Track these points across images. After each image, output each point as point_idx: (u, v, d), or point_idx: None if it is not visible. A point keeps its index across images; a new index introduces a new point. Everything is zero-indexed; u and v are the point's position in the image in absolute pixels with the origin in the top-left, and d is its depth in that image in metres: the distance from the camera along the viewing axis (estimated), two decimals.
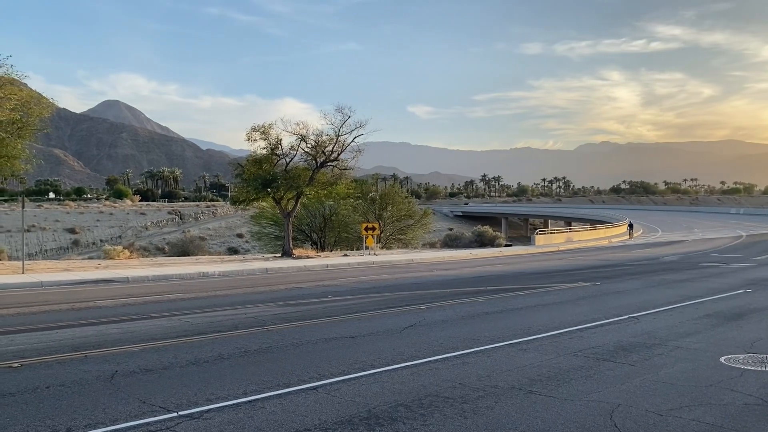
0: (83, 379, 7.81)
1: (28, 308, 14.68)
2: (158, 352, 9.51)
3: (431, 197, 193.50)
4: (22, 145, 22.81)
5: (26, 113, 22.55)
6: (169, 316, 13.23)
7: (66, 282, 20.35)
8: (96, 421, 6.19)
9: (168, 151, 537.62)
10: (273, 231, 50.70)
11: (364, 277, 22.78)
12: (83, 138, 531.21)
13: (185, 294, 17.71)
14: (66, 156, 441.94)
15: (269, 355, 9.40)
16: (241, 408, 6.67)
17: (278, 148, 33.99)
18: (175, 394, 7.18)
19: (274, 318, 12.90)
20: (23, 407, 6.65)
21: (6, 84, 21.81)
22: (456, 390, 7.42)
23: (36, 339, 10.64)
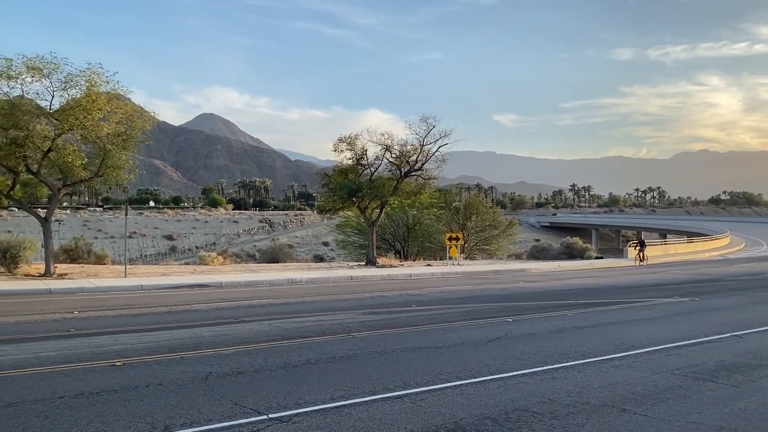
0: (180, 380, 8.17)
1: (130, 310, 15.55)
2: (249, 355, 9.82)
3: (517, 207, 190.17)
4: (126, 156, 24.27)
5: (130, 126, 23.99)
6: (260, 321, 13.64)
7: (164, 286, 21.43)
8: (191, 420, 6.46)
9: (259, 161, 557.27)
10: (357, 240, 51.37)
11: (447, 288, 22.64)
12: (181, 149, 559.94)
13: (275, 299, 18.22)
14: (165, 166, 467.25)
15: (355, 362, 9.49)
16: (328, 413, 6.77)
17: (363, 158, 34.47)
18: (266, 396, 7.38)
19: (359, 325, 13.03)
20: (125, 404, 7.04)
21: (113, 99, 23.33)
22: (545, 405, 7.22)
23: (137, 339, 11.25)
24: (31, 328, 12.58)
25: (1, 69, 21.34)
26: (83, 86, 22.36)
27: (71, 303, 16.65)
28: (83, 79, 22.28)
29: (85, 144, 24.10)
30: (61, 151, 22.60)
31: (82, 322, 13.27)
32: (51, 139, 22.45)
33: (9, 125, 21.39)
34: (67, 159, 22.37)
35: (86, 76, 22.28)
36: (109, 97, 23.04)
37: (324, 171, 38.16)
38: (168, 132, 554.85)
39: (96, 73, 22.44)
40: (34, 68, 21.49)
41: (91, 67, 22.47)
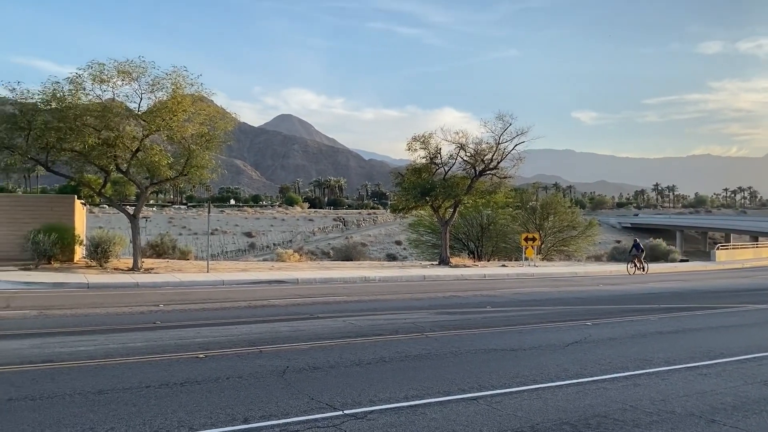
0: (258, 373, 8.39)
1: (212, 304, 16.12)
2: (325, 351, 9.97)
3: (597, 207, 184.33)
4: (209, 156, 25.20)
5: (213, 127, 24.89)
6: (335, 318, 13.83)
7: (244, 281, 22.09)
8: (269, 413, 6.61)
9: (334, 161, 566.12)
10: (430, 239, 51.22)
11: (523, 289, 22.22)
12: (260, 149, 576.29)
13: (349, 297, 18.43)
14: (245, 166, 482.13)
15: (429, 361, 9.45)
16: (402, 412, 6.77)
17: (437, 157, 34.33)
18: (341, 393, 7.46)
19: (432, 325, 12.98)
20: (207, 395, 7.28)
21: (197, 101, 24.28)
22: (626, 413, 6.94)
23: (218, 333, 11.64)
24: (120, 319, 13.24)
25: (94, 73, 22.59)
26: (169, 89, 23.37)
27: (157, 296, 17.43)
28: (169, 82, 23.29)
29: (170, 144, 25.18)
30: (149, 151, 23.71)
31: (167, 315, 13.86)
32: (139, 139, 23.58)
33: (101, 126, 22.62)
34: (154, 158, 23.44)
35: (172, 79, 23.28)
36: (193, 99, 23.97)
37: (397, 170, 38.26)
38: (248, 133, 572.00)
39: (181, 75, 23.43)
40: (124, 72, 22.64)
41: (177, 70, 23.48)
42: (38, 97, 22.40)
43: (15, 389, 7.30)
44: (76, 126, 22.03)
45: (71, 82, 22.35)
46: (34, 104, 22.44)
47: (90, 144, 22.40)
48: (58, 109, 22.06)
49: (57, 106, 22.15)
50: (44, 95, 22.33)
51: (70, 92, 22.31)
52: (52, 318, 13.18)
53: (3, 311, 13.77)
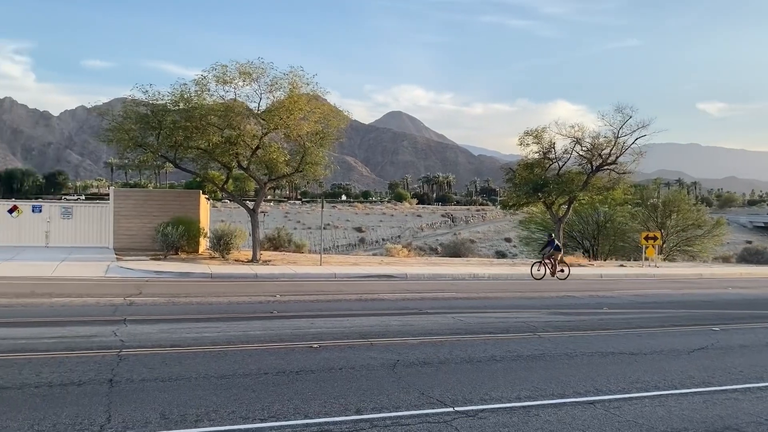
0: (370, 365, 8.52)
1: (324, 296, 16.58)
2: (435, 346, 9.96)
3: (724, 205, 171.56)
4: (323, 153, 25.94)
5: (327, 125, 25.58)
6: (444, 314, 13.79)
7: (354, 275, 22.55)
8: (381, 405, 6.69)
9: (443, 157, 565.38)
10: (542, 236, 49.81)
11: (643, 291, 21.08)
12: (370, 146, 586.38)
13: (457, 293, 18.31)
14: (356, 162, 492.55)
15: (541, 362, 9.19)
16: (515, 412, 6.63)
17: (551, 152, 33.31)
18: (451, 389, 7.42)
19: (545, 325, 12.61)
20: (321, 384, 7.49)
21: (312, 99, 25.04)
22: (762, 427, 6.40)
23: (331, 324, 11.96)
24: (241, 308, 13.93)
25: (218, 75, 23.88)
26: (286, 88, 24.27)
27: (274, 287, 18.17)
28: (286, 82, 24.18)
29: (287, 142, 26.15)
30: (267, 148, 24.76)
31: (283, 306, 14.41)
32: (259, 137, 24.67)
33: (224, 125, 23.88)
34: (272, 156, 24.45)
35: (289, 79, 24.15)
36: (308, 98, 24.75)
37: (508, 166, 37.55)
38: (359, 130, 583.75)
39: (298, 75, 24.24)
40: (245, 73, 23.76)
41: (294, 71, 24.32)
42: (168, 99, 24.03)
43: (148, 370, 7.87)
44: (202, 125, 23.41)
45: (197, 84, 23.80)
46: (164, 105, 24.09)
47: (214, 142, 23.74)
48: (186, 109, 23.55)
49: (184, 106, 23.66)
50: (173, 96, 23.92)
51: (196, 93, 23.77)
52: (179, 305, 14.09)
53: (136, 297, 14.89)
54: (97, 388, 6.97)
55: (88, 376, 7.44)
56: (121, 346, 9.21)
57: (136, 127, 23.89)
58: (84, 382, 7.19)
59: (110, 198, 27.76)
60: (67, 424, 5.80)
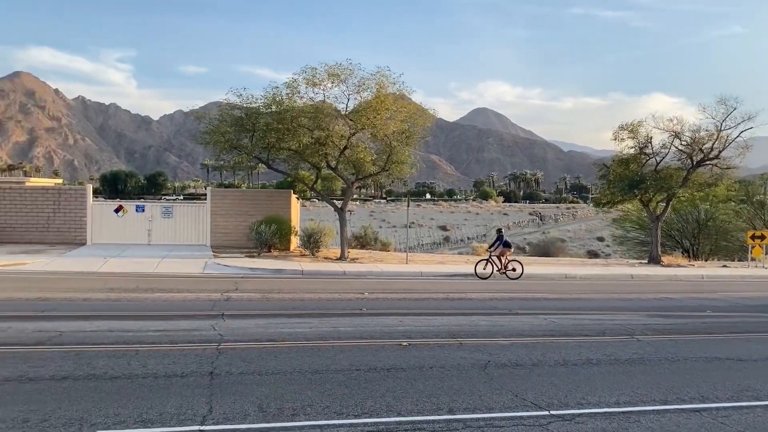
0: (460, 365, 8.45)
1: (411, 294, 16.61)
2: (527, 348, 9.75)
3: None
4: (408, 152, 26.02)
5: (413, 124, 25.63)
6: (535, 315, 13.48)
7: (440, 274, 22.47)
8: (473, 406, 6.61)
9: (530, 153, 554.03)
10: (637, 235, 47.70)
11: (750, 293, 19.78)
12: (454, 144, 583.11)
13: (548, 294, 17.86)
14: (440, 161, 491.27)
15: (641, 366, 8.79)
16: (614, 418, 6.37)
17: (648, 147, 31.81)
18: (546, 392, 7.23)
19: (643, 328, 12.07)
20: (412, 382, 7.50)
21: (398, 99, 25.16)
22: None
23: (419, 322, 11.96)
24: (331, 305, 14.19)
25: (308, 77, 24.45)
26: (373, 89, 24.50)
27: (361, 285, 18.39)
28: (373, 82, 24.42)
29: (373, 141, 26.42)
30: (355, 148, 25.12)
31: (371, 303, 14.55)
32: (347, 137, 25.06)
33: (314, 127, 24.43)
34: (360, 155, 24.78)
35: (376, 79, 24.37)
36: (395, 97, 24.89)
37: (602, 162, 36.14)
38: (443, 128, 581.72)
39: (384, 75, 24.42)
40: (334, 75, 24.19)
41: (380, 71, 24.51)
42: (261, 102, 24.85)
43: (245, 364, 8.16)
44: (293, 127, 24.05)
45: (288, 87, 24.47)
46: (257, 108, 24.93)
47: (304, 143, 24.33)
48: (277, 111, 24.27)
49: (276, 108, 24.39)
50: (266, 99, 24.72)
51: (287, 96, 24.46)
52: (272, 301, 14.53)
53: (233, 293, 15.49)
54: (199, 380, 7.29)
55: (190, 369, 7.80)
56: (219, 340, 9.60)
57: (231, 130, 24.85)
58: (186, 374, 7.54)
59: (207, 198, 29.01)
60: (172, 414, 6.10)
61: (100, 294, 14.59)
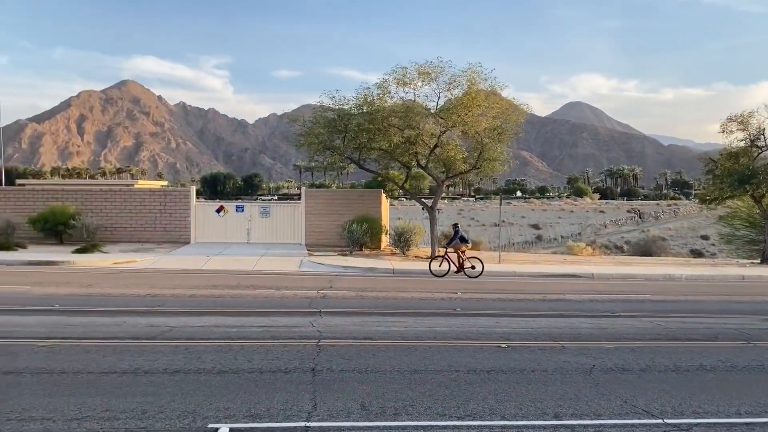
0: (563, 368, 8.18)
1: (506, 295, 16.30)
2: (633, 352, 9.31)
3: None
4: (501, 149, 25.57)
5: (505, 120, 25.15)
6: (638, 317, 12.87)
7: (535, 274, 21.92)
8: (580, 412, 6.37)
9: (627, 148, 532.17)
10: (748, 233, 44.55)
11: None
12: (546, 140, 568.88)
13: (652, 295, 17.02)
14: (531, 157, 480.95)
15: (762, 374, 8.19)
16: (736, 429, 5.96)
17: (760, 139, 29.68)
18: (657, 399, 6.87)
19: (761, 333, 11.25)
20: (514, 386, 7.33)
21: (490, 95, 24.77)
22: None
23: (516, 324, 11.70)
24: (424, 304, 14.16)
25: (398, 77, 24.53)
26: (464, 85, 24.25)
27: (454, 284, 18.24)
28: (464, 79, 24.17)
29: (464, 139, 26.15)
30: (445, 146, 24.96)
31: (465, 303, 14.40)
32: (437, 136, 24.95)
33: (404, 126, 24.48)
34: (450, 153, 24.60)
35: (467, 76, 24.11)
36: (486, 94, 24.51)
37: (707, 156, 34.08)
38: (534, 123, 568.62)
39: (476, 72, 24.11)
40: (424, 73, 24.15)
41: (471, 67, 24.23)
42: (352, 103, 25.20)
43: (345, 361, 8.27)
44: (383, 126, 24.22)
45: (379, 87, 24.67)
46: (348, 109, 25.30)
47: (395, 142, 24.44)
48: (369, 112, 24.52)
49: (368, 109, 24.66)
50: (357, 100, 25.04)
51: (378, 96, 24.66)
52: (366, 299, 14.69)
53: (328, 291, 15.78)
54: (302, 377, 7.45)
55: (293, 365, 7.99)
56: (318, 337, 9.79)
57: (324, 131, 25.35)
58: (290, 370, 7.73)
59: (301, 198, 29.76)
60: (278, 409, 6.26)
61: (205, 291, 15.28)
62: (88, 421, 5.80)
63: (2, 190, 30.25)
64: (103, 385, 6.94)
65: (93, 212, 27.87)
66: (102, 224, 27.32)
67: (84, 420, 5.82)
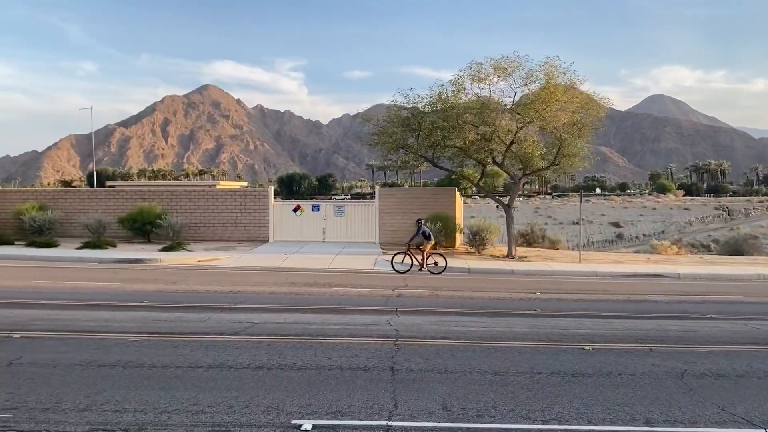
0: (652, 373, 7.81)
1: (587, 296, 15.79)
2: (727, 357, 8.79)
3: None
4: (580, 144, 24.83)
5: (585, 114, 24.40)
6: (731, 320, 12.17)
7: (618, 273, 21.15)
8: (673, 418, 6.06)
9: (714, 142, 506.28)
10: None
11: None
12: (627, 134, 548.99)
13: (745, 297, 16.08)
14: (611, 153, 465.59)
15: None
16: None
17: None
18: (759, 407, 6.45)
19: None
20: (600, 389, 7.05)
21: (569, 89, 24.09)
22: None
23: (600, 326, 11.29)
24: (501, 304, 13.91)
25: (473, 73, 24.27)
26: (542, 80, 23.71)
27: (532, 284, 17.86)
28: (542, 73, 23.62)
29: (541, 135, 25.56)
30: (522, 143, 24.48)
31: (545, 303, 14.05)
32: (513, 132, 24.49)
33: (479, 123, 24.18)
34: (527, 150, 24.11)
35: (545, 70, 23.55)
36: (565, 88, 23.87)
37: None
38: (614, 118, 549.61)
39: (554, 65, 23.53)
40: (500, 68, 23.77)
41: (549, 61, 23.65)
42: (426, 101, 25.12)
43: (423, 361, 8.21)
44: (458, 124, 24.02)
45: (453, 84, 24.50)
46: (422, 107, 25.24)
47: (469, 140, 24.20)
48: (443, 109, 24.38)
49: (442, 106, 24.51)
50: (431, 98, 24.94)
51: (452, 93, 24.48)
52: (442, 298, 14.58)
53: (403, 289, 15.78)
54: (381, 375, 7.46)
55: (372, 363, 8.01)
56: (396, 336, 9.78)
57: (398, 130, 25.40)
58: (369, 368, 7.75)
59: (376, 197, 29.94)
60: (360, 407, 6.28)
61: (283, 288, 15.61)
62: (177, 414, 6.00)
63: (94, 191, 32.01)
64: (190, 379, 7.18)
65: (178, 212, 29.06)
66: (186, 223, 28.44)
67: (173, 413, 6.02)
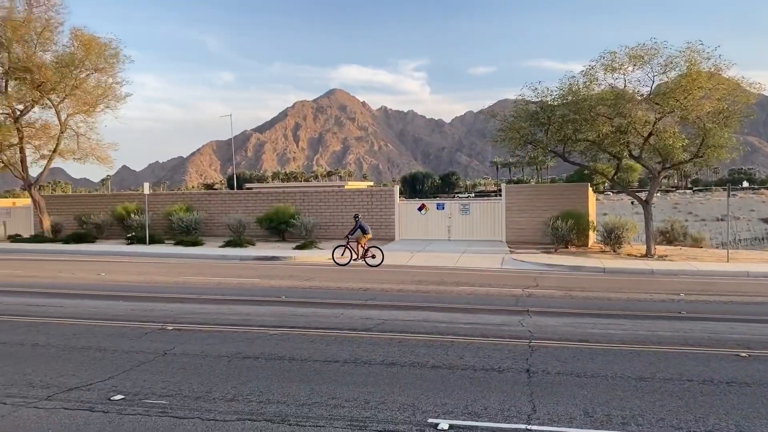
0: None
1: (739, 297, 14.51)
2: None
3: None
4: (728, 134, 22.81)
5: (732, 102, 22.39)
6: None
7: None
8: None
9: None
10: None
11: None
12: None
13: None
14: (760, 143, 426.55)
15: None
16: None
17: None
18: None
19: None
20: (762, 401, 6.41)
21: (714, 75, 22.19)
22: None
23: (757, 330, 10.30)
24: (642, 305, 13.10)
25: (606, 63, 23.07)
26: (683, 67, 22.06)
27: (675, 285, 16.69)
28: (683, 60, 21.97)
29: (682, 125, 23.80)
30: (661, 134, 22.91)
31: (690, 306, 13.06)
32: (651, 123, 22.99)
33: (613, 114, 22.92)
34: (668, 142, 22.50)
35: (686, 56, 21.89)
36: (708, 74, 22.05)
37: None
38: (764, 105, 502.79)
39: (696, 51, 21.80)
40: (636, 56, 22.40)
41: (691, 46, 21.96)
42: (556, 94, 24.22)
43: (560, 364, 7.88)
44: (591, 116, 22.92)
45: (585, 75, 23.42)
46: (552, 100, 24.35)
47: (603, 132, 23.03)
48: (574, 101, 23.35)
49: (572, 99, 23.50)
50: (561, 91, 24.00)
51: (584, 84, 23.40)
52: (576, 299, 13.97)
53: (534, 289, 15.32)
54: (516, 377, 7.24)
55: (506, 364, 7.81)
56: (529, 337, 9.48)
57: (526, 125, 24.72)
58: (503, 369, 7.56)
59: (502, 194, 29.39)
60: (496, 409, 6.13)
61: (411, 286, 15.70)
62: (317, 407, 6.17)
63: (234, 193, 34.08)
64: (328, 373, 7.37)
65: (309, 212, 30.24)
66: (317, 223, 29.50)
67: (313, 406, 6.20)
